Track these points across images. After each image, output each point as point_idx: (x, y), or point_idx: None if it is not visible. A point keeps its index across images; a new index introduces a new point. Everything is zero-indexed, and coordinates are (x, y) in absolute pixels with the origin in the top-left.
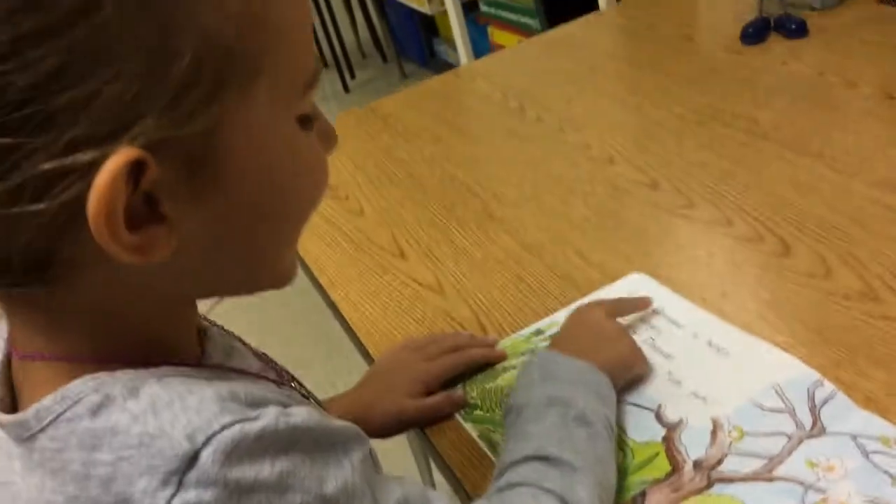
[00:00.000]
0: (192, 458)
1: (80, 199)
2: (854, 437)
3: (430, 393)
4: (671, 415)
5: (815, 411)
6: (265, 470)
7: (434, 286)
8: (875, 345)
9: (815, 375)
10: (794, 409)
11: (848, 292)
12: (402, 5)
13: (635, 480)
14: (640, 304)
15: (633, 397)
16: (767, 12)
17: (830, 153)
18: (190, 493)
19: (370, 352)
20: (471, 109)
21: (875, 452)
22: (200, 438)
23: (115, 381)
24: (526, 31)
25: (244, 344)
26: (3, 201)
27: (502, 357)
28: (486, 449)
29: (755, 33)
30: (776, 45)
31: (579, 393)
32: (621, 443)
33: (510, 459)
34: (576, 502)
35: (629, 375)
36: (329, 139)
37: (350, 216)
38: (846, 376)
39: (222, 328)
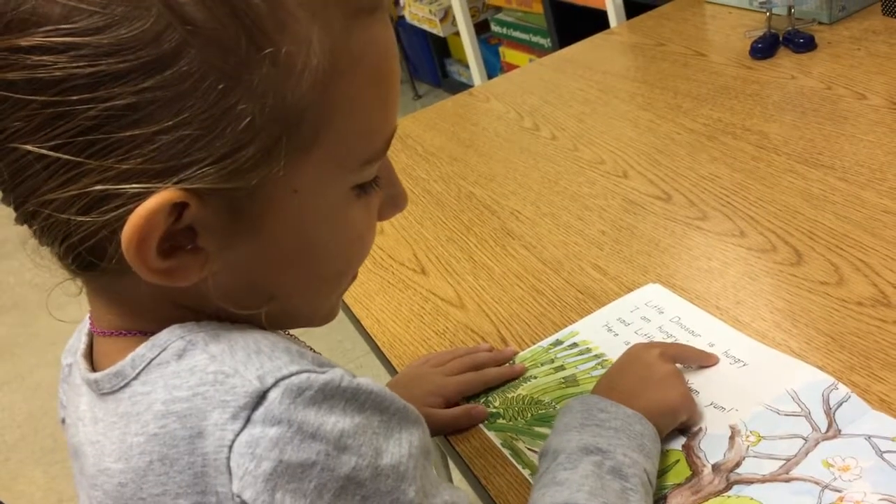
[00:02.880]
0: (261, 397)
1: (120, 223)
2: (868, 438)
3: (449, 406)
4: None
5: (830, 414)
6: (328, 423)
7: (455, 300)
8: (888, 349)
9: (830, 380)
10: (809, 413)
11: (860, 299)
12: (415, 27)
13: (657, 486)
14: (704, 358)
15: None
16: (776, 27)
17: (841, 164)
18: (256, 429)
19: (394, 365)
20: (486, 128)
21: (889, 452)
22: (270, 380)
23: (199, 329)
24: (538, 51)
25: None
26: (58, 207)
27: (521, 373)
28: (510, 457)
29: (764, 48)
30: (785, 59)
31: (620, 443)
32: None
33: None
34: None
35: (675, 423)
36: (396, 205)
37: None
38: (860, 380)
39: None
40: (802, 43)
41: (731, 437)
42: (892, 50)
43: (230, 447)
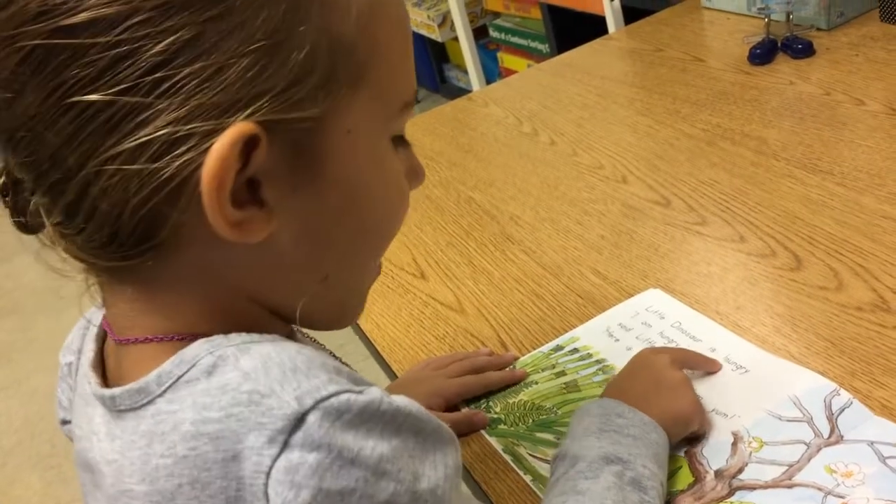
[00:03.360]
0: (300, 420)
1: (194, 165)
2: (871, 444)
3: (449, 409)
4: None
5: (832, 419)
6: (367, 448)
7: (454, 305)
8: (888, 354)
9: (832, 385)
10: (812, 418)
11: (860, 304)
12: (413, 32)
13: None
14: (710, 365)
15: None
16: (774, 33)
17: (840, 170)
18: (294, 454)
19: (394, 370)
20: (485, 134)
21: (891, 458)
22: (309, 402)
23: (228, 342)
24: (536, 56)
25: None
26: (126, 159)
27: (521, 378)
28: (511, 462)
29: (763, 54)
30: (783, 65)
31: (639, 453)
32: None
33: None
34: None
35: (686, 432)
36: (417, 176)
37: None
38: (861, 385)
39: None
40: (801, 49)
41: (734, 444)
42: (890, 56)
43: (268, 473)
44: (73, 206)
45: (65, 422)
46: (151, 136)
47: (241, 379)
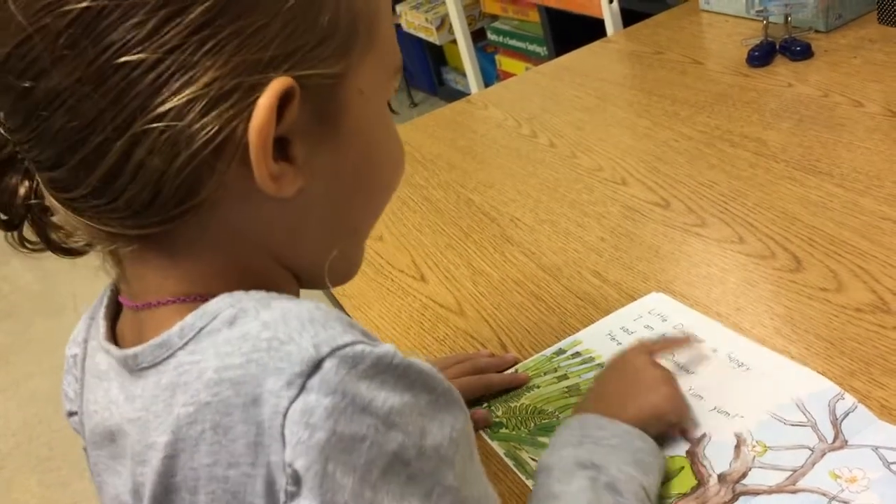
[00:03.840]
0: (317, 365)
1: (239, 120)
2: (875, 449)
3: None
4: (695, 429)
5: (836, 424)
6: (379, 398)
7: (454, 307)
8: (888, 355)
9: (836, 389)
10: (816, 423)
11: (860, 305)
12: (411, 36)
13: (662, 495)
14: (681, 340)
15: None
16: (772, 36)
17: (839, 171)
18: (311, 397)
19: None
20: (484, 136)
21: None
22: (325, 349)
23: (249, 298)
24: (534, 59)
25: None
26: (174, 116)
27: (524, 381)
28: (513, 466)
29: (761, 56)
30: (782, 67)
31: (615, 459)
32: None
33: None
34: None
35: (663, 427)
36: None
37: (370, 241)
38: (861, 386)
39: None
40: (799, 51)
41: (737, 447)
42: (888, 58)
43: (284, 414)
44: (113, 171)
45: (71, 413)
46: (198, 93)
47: (261, 328)
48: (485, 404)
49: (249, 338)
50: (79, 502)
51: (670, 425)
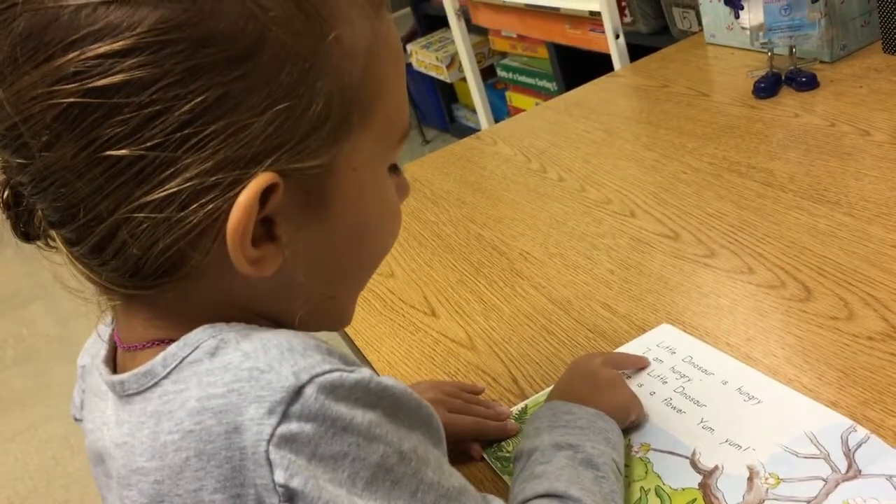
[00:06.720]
0: (297, 393)
1: (218, 213)
2: (890, 478)
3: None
4: (706, 462)
5: (849, 455)
6: (358, 416)
7: (465, 342)
8: None
9: (848, 422)
10: (828, 454)
11: (871, 333)
12: (423, 74)
13: None
14: (638, 362)
15: (667, 445)
16: (778, 67)
17: (847, 200)
18: (293, 424)
19: None
20: (494, 171)
21: None
22: (305, 377)
23: (230, 328)
24: (544, 94)
25: None
26: (154, 208)
27: (515, 432)
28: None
29: (767, 87)
30: (788, 98)
31: (588, 438)
32: (658, 490)
33: (521, 498)
34: None
35: (627, 421)
36: (404, 192)
37: (381, 278)
38: (874, 415)
39: None
40: (805, 81)
41: (750, 479)
42: (893, 87)
43: (268, 441)
44: (99, 245)
45: (77, 420)
46: (179, 188)
47: (242, 358)
48: (495, 445)
49: (231, 368)
50: None
51: (630, 422)
